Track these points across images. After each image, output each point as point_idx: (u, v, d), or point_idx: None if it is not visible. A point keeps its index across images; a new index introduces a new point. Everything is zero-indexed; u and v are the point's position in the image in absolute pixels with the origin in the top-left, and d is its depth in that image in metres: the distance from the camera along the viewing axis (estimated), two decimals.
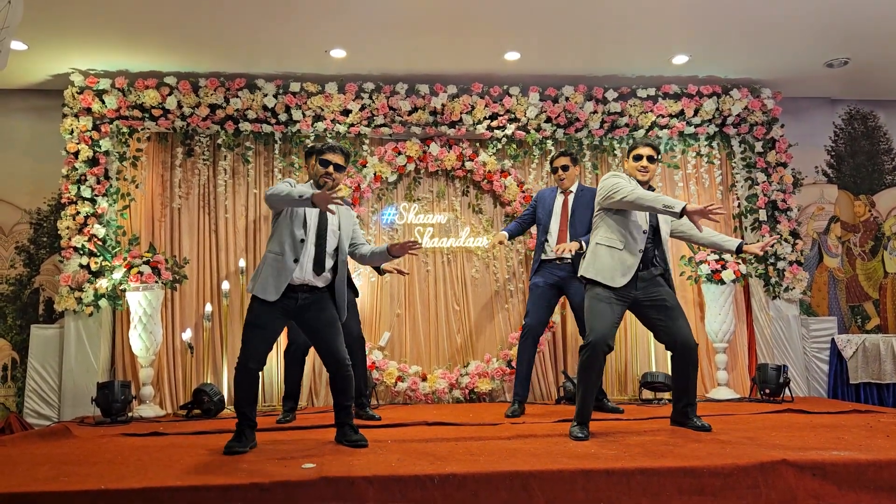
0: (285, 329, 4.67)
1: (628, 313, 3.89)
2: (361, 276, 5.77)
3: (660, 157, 4.75)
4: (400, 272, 4.82)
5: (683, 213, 3.41)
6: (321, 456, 3.15)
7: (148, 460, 3.18)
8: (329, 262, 3.52)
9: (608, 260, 3.69)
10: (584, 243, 4.55)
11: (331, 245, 3.53)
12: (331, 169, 3.53)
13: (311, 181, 3.67)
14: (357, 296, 4.90)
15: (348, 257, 3.68)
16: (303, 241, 3.43)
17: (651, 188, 3.87)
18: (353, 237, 3.68)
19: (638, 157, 3.82)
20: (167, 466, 3.01)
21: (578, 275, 3.85)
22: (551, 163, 5.03)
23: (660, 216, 3.80)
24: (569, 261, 4.75)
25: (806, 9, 4.87)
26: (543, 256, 4.84)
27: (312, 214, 3.51)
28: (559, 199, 4.91)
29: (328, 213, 3.41)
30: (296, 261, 3.41)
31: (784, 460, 2.79)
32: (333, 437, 3.56)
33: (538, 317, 4.82)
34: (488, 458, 3.03)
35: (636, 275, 3.69)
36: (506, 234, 4.92)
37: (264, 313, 3.43)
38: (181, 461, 3.13)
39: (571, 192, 4.90)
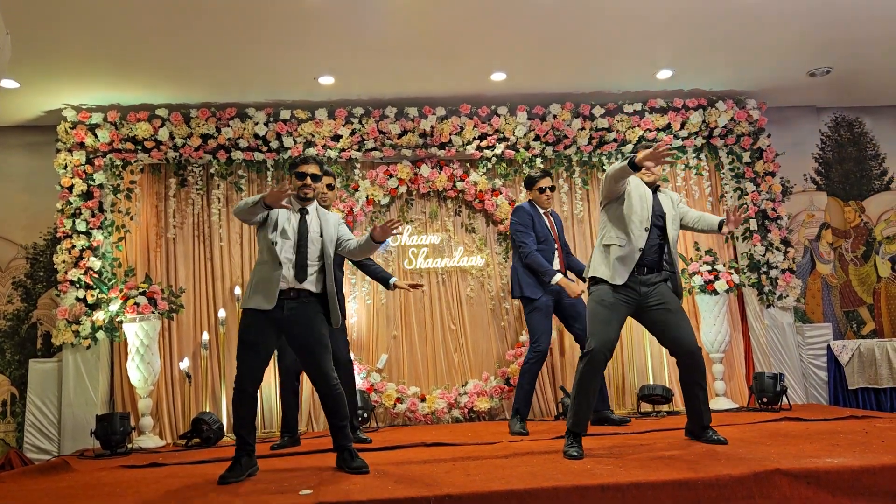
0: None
1: (630, 321, 3.87)
2: (357, 298, 5.80)
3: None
4: (414, 286, 4.65)
5: (633, 163, 3.41)
6: (319, 481, 3.16)
7: (146, 492, 3.19)
8: (312, 268, 3.50)
9: (610, 258, 3.66)
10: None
11: (313, 252, 3.51)
12: (308, 180, 3.55)
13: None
14: (343, 318, 4.80)
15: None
16: (275, 243, 3.44)
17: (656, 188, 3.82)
18: (339, 236, 3.64)
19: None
20: (165, 497, 3.02)
21: (584, 275, 3.86)
22: (533, 183, 4.94)
23: (667, 218, 3.73)
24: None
25: (785, 20, 4.94)
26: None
27: (289, 222, 3.52)
28: (544, 218, 4.94)
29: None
30: (279, 265, 3.41)
31: (778, 469, 2.81)
32: (333, 463, 3.54)
33: (549, 339, 4.79)
34: (485, 476, 3.04)
35: (640, 277, 3.64)
36: (560, 274, 4.77)
37: (254, 326, 3.42)
38: (180, 491, 3.14)
39: (549, 212, 5.00)
